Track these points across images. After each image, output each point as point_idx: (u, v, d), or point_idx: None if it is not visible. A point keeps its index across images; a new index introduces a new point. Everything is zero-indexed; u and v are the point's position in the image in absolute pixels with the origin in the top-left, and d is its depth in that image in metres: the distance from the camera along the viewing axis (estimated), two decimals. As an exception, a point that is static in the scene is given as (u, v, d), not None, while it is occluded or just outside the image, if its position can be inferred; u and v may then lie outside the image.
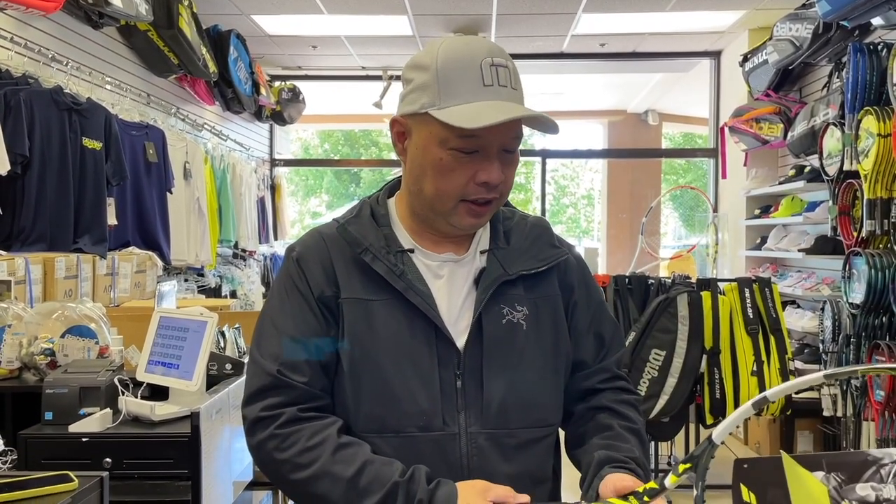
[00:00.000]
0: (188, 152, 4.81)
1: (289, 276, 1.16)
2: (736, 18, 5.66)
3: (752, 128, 5.32)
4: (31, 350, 2.00)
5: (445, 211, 1.12)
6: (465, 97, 1.06)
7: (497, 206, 1.15)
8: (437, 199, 1.12)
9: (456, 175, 1.09)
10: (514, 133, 1.10)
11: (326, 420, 1.09)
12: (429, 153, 1.10)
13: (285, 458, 1.05)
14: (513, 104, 1.07)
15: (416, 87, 1.10)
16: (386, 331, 1.11)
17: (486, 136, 1.07)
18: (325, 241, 1.17)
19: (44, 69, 3.45)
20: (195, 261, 4.85)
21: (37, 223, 3.21)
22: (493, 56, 1.08)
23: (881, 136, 3.66)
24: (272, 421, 1.07)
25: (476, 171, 1.09)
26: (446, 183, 1.10)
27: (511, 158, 1.12)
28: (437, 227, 1.17)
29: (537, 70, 7.21)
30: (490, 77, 1.07)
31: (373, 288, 1.13)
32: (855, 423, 3.96)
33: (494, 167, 1.09)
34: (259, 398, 1.09)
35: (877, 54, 3.88)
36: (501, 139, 1.09)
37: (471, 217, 1.13)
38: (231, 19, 5.43)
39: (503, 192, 1.13)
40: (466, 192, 1.10)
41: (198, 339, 1.71)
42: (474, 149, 1.08)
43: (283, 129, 7.76)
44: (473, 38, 1.14)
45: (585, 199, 17.08)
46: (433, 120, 1.07)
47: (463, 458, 1.10)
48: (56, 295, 2.92)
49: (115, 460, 1.61)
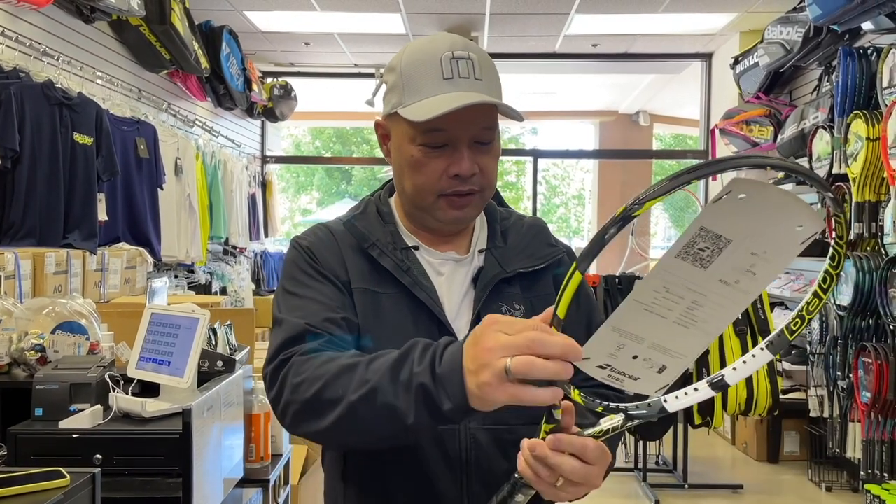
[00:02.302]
0: (179, 148, 4.79)
1: (301, 259, 1.14)
2: (727, 21, 5.69)
3: (742, 130, 5.36)
4: (20, 346, 1.99)
5: (427, 206, 1.14)
6: (425, 92, 1.07)
7: (481, 199, 1.15)
8: (417, 195, 1.13)
9: (428, 170, 1.10)
10: (484, 123, 1.10)
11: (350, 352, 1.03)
12: (403, 151, 1.12)
13: (301, 379, 0.98)
14: (471, 93, 1.07)
15: (389, 89, 1.13)
16: (393, 323, 1.11)
17: (451, 128, 1.08)
18: (332, 234, 1.18)
19: (35, 63, 3.43)
20: (185, 257, 4.84)
21: (26, 218, 3.19)
22: (455, 49, 1.09)
23: (870, 139, 3.70)
24: (292, 356, 1.02)
25: (448, 164, 1.10)
26: (421, 179, 1.11)
27: (486, 149, 1.12)
28: (427, 224, 1.18)
29: (530, 70, 7.23)
30: (450, 70, 1.08)
31: (380, 281, 1.13)
32: (841, 424, 3.99)
33: (464, 159, 1.09)
34: (283, 348, 1.04)
35: (866, 58, 3.91)
36: (470, 131, 1.09)
37: (453, 210, 1.13)
38: (223, 15, 5.41)
39: (482, 184, 1.13)
40: (441, 187, 1.11)
41: (189, 336, 1.71)
42: (442, 143, 1.09)
43: (274, 126, 7.74)
44: (439, 34, 1.15)
45: (576, 198, 17.12)
46: (402, 118, 1.09)
47: (461, 452, 1.10)
48: (45, 290, 2.91)
49: (106, 457, 1.61)
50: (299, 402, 0.97)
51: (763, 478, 4.62)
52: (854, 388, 3.85)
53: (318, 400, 0.95)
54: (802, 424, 4.71)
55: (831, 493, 4.29)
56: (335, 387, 0.94)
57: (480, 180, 1.12)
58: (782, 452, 4.87)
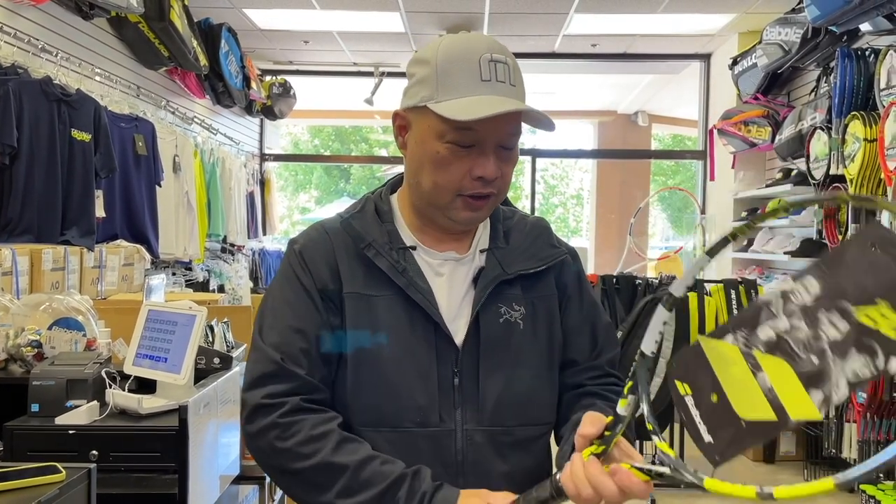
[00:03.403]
0: (178, 145, 4.79)
1: (290, 267, 1.16)
2: (726, 22, 5.69)
3: (740, 130, 5.36)
4: (17, 342, 1.99)
5: (443, 205, 1.13)
6: (462, 91, 1.07)
7: (495, 202, 1.16)
8: (435, 192, 1.13)
9: (452, 169, 1.10)
10: (512, 129, 1.11)
11: (329, 414, 1.09)
12: (427, 146, 1.11)
13: (287, 447, 1.05)
14: (509, 99, 1.08)
15: (417, 81, 1.12)
16: (387, 326, 1.11)
17: (482, 130, 1.08)
18: (328, 234, 1.18)
19: (33, 59, 3.43)
20: (183, 254, 4.84)
21: (24, 214, 3.19)
22: (493, 52, 1.09)
23: (867, 140, 3.70)
24: (274, 409, 1.06)
25: (472, 165, 1.10)
26: (443, 176, 1.11)
27: (508, 155, 1.13)
28: (437, 222, 1.17)
29: (529, 69, 7.15)
30: (488, 72, 1.08)
31: (375, 283, 1.13)
32: (837, 425, 4.00)
33: (490, 162, 1.10)
34: (261, 384, 1.09)
35: (864, 60, 3.91)
36: (498, 134, 1.10)
37: (468, 211, 1.13)
38: (222, 13, 5.41)
39: (500, 188, 1.14)
40: (463, 187, 1.11)
41: (186, 333, 1.71)
42: (471, 143, 1.09)
43: (273, 124, 7.73)
44: (475, 34, 1.15)
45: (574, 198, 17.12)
46: (431, 113, 1.08)
47: (458, 454, 1.11)
48: (43, 287, 2.91)
49: (102, 453, 1.61)
50: (277, 469, 1.07)
51: (759, 478, 4.63)
52: (850, 388, 3.85)
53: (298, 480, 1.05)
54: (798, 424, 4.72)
55: (827, 493, 4.29)
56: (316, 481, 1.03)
57: (500, 184, 1.13)
58: (778, 452, 4.88)
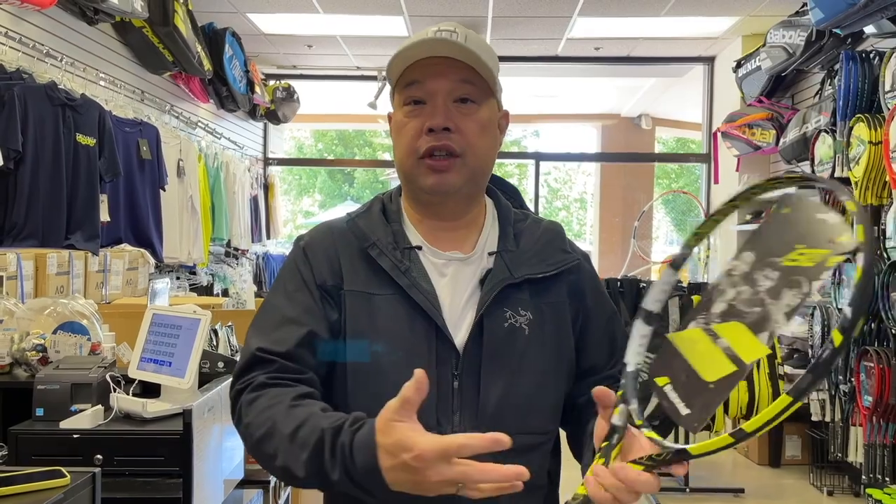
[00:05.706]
0: (182, 150, 4.80)
1: (293, 261, 1.18)
2: (730, 24, 5.69)
3: (744, 133, 5.35)
4: (22, 346, 1.99)
5: (412, 175, 1.14)
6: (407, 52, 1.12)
7: (465, 166, 1.12)
8: (402, 163, 1.15)
9: (408, 129, 1.13)
10: (460, 77, 1.11)
11: (293, 387, 1.05)
12: (394, 123, 1.17)
13: (248, 421, 1.04)
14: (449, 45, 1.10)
15: None
16: (386, 326, 1.10)
17: (429, 81, 1.11)
18: (333, 233, 1.18)
19: (38, 64, 3.44)
20: (187, 258, 4.84)
21: (29, 219, 3.20)
22: (442, 26, 1.12)
23: (872, 143, 3.69)
24: (243, 392, 1.07)
25: (424, 121, 1.11)
26: (403, 141, 1.14)
27: (467, 110, 1.12)
28: (419, 199, 1.17)
29: (532, 73, 7.23)
30: (433, 33, 1.11)
31: (377, 282, 1.12)
32: (843, 428, 3.99)
33: (439, 112, 1.10)
34: (240, 377, 1.09)
35: (869, 62, 3.91)
36: (446, 84, 1.11)
37: (433, 174, 1.12)
38: (226, 17, 5.42)
39: (463, 146, 1.11)
40: (419, 147, 1.11)
41: (191, 337, 1.70)
42: (419, 98, 1.12)
43: (277, 128, 7.75)
44: None
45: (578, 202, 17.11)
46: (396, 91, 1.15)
47: None
48: (47, 291, 2.91)
49: (106, 457, 1.60)
50: (249, 444, 1.06)
51: (764, 482, 4.62)
52: (856, 392, 3.84)
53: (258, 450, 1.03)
54: (804, 428, 4.70)
55: (833, 497, 4.28)
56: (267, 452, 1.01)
57: (459, 141, 1.11)
58: (784, 456, 4.86)
